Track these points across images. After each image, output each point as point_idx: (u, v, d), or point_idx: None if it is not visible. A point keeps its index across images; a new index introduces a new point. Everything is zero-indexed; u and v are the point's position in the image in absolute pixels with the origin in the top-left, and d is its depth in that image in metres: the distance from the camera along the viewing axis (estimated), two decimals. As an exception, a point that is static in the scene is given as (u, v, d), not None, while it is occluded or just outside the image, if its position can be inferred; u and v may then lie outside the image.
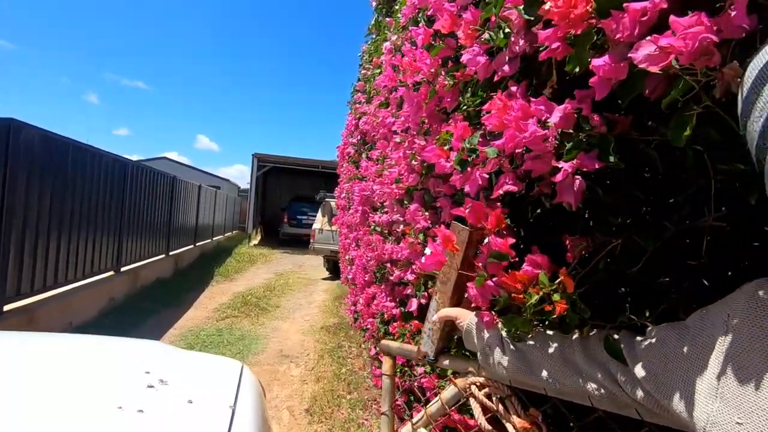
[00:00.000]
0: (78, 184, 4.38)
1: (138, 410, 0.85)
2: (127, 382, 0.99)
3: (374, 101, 2.11)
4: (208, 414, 0.91)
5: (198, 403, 0.93)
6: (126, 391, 0.94)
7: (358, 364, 4.20)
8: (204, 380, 1.11)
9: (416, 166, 1.24)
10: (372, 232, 1.87)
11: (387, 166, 1.74)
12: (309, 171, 16.30)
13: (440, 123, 1.01)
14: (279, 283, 8.09)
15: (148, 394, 0.94)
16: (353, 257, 3.15)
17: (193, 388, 1.02)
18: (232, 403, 0.97)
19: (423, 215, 1.27)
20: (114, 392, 0.93)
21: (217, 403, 0.96)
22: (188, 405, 0.92)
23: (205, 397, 0.97)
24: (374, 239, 1.89)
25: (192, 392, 0.98)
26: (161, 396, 0.94)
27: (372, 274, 2.28)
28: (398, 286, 1.75)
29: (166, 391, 0.97)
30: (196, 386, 1.04)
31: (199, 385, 1.06)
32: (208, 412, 0.92)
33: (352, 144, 2.99)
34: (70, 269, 4.32)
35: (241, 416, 0.93)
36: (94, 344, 1.28)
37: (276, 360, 4.23)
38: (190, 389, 1.00)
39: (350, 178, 2.88)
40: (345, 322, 5.71)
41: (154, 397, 0.93)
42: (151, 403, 0.89)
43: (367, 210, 2.25)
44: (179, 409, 0.90)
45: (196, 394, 0.97)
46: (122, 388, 0.96)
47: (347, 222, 3.22)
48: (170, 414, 0.88)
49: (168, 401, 0.93)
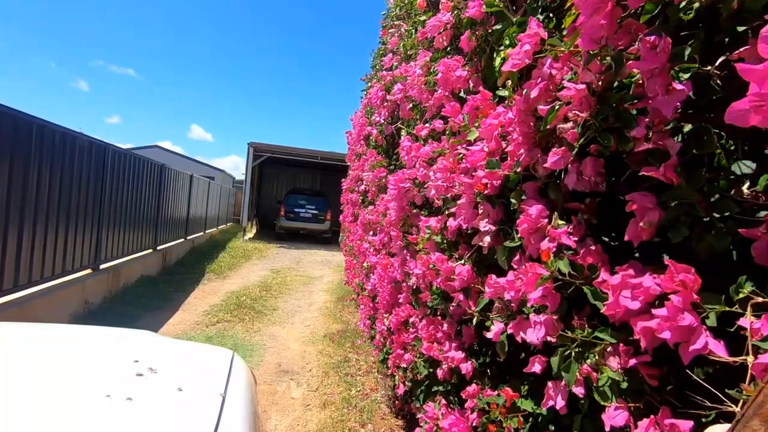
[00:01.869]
0: (44, 167, 3.74)
1: (126, 398, 0.84)
2: (116, 371, 0.98)
3: (421, 57, 1.51)
4: (198, 401, 0.91)
5: (188, 391, 0.93)
6: (114, 380, 0.93)
7: (369, 383, 3.63)
8: (194, 368, 1.09)
9: (569, 132, 0.65)
10: (423, 242, 1.30)
11: (455, 143, 1.15)
12: (308, 162, 15.64)
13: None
14: (276, 282, 7.50)
15: (137, 382, 0.93)
16: (372, 264, 2.56)
17: (183, 376, 1.01)
18: (222, 390, 0.97)
19: (565, 228, 0.69)
20: (102, 381, 0.92)
21: (207, 390, 0.96)
22: (178, 393, 0.92)
23: (194, 385, 0.97)
24: (427, 248, 1.31)
25: (182, 380, 0.98)
26: (150, 384, 0.94)
27: (409, 295, 1.70)
28: (468, 325, 1.17)
29: (156, 380, 0.96)
30: (186, 374, 1.03)
31: (189, 373, 1.05)
32: (198, 400, 0.91)
33: (377, 123, 2.40)
34: (35, 268, 3.69)
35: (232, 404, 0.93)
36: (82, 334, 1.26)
37: (274, 377, 3.65)
38: (180, 377, 1.00)
39: (374, 165, 2.30)
40: (350, 328, 5.14)
41: (143, 385, 0.93)
42: (140, 392, 0.89)
43: (407, 208, 1.66)
44: (169, 396, 0.90)
45: (186, 382, 0.97)
46: (111, 376, 0.95)
47: (367, 220, 2.63)
48: (159, 402, 0.87)
49: (157, 389, 0.92)
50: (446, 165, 1.15)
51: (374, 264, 2.48)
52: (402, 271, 1.74)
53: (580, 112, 0.62)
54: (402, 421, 3.04)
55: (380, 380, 3.67)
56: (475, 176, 0.96)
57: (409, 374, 1.86)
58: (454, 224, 1.10)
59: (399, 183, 1.63)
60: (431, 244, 1.28)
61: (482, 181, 0.93)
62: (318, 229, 13.81)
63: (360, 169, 3.11)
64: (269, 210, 17.88)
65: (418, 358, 1.58)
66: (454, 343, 1.22)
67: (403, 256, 1.74)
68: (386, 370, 3.27)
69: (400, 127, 1.83)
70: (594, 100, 0.62)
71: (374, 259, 2.43)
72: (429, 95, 1.43)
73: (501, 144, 0.94)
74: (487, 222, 0.95)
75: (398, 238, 1.78)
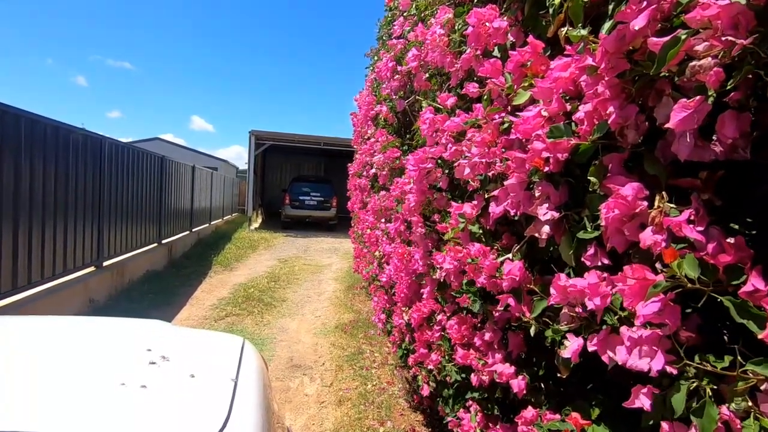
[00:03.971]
0: (36, 163, 3.56)
1: (141, 386, 0.85)
2: (130, 360, 0.99)
3: (441, 13, 1.28)
4: (211, 387, 0.91)
5: (200, 378, 0.94)
6: (128, 369, 0.94)
7: (385, 376, 3.49)
8: (205, 355, 1.10)
9: (711, 73, 0.44)
10: (455, 231, 1.09)
11: (493, 111, 0.93)
12: (311, 149, 15.38)
13: None
14: (284, 272, 7.36)
15: (151, 370, 0.94)
16: (387, 254, 2.37)
17: (195, 363, 1.02)
18: (234, 376, 0.97)
19: (685, 214, 0.48)
20: (117, 370, 0.93)
21: (219, 376, 0.97)
22: (190, 379, 0.92)
23: (207, 372, 0.98)
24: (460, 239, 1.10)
25: (194, 367, 0.99)
26: (163, 372, 0.94)
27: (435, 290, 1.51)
28: (515, 331, 0.97)
29: (168, 367, 0.97)
30: (198, 361, 1.04)
31: (201, 360, 1.06)
32: (211, 386, 0.92)
33: (388, 98, 2.16)
34: (34, 269, 3.55)
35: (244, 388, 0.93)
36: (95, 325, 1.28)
37: (286, 372, 3.52)
38: (192, 364, 1.01)
39: (385, 146, 2.08)
40: (362, 318, 5.00)
41: (157, 373, 0.93)
42: (154, 379, 0.90)
43: (429, 192, 1.45)
44: (182, 383, 0.91)
45: (198, 369, 0.98)
46: (125, 365, 0.96)
47: (379, 207, 2.43)
48: (173, 388, 0.88)
49: (170, 376, 0.93)
50: (485, 138, 0.93)
51: (388, 253, 2.28)
52: (425, 262, 1.54)
53: (735, 38, 0.40)
54: (422, 416, 2.89)
55: (396, 373, 3.52)
56: (531, 149, 0.74)
57: (434, 375, 1.68)
58: (498, 210, 0.89)
59: (420, 163, 1.42)
60: (465, 234, 1.08)
61: (542, 154, 0.72)
62: (324, 216, 13.62)
63: (368, 153, 2.89)
64: (274, 198, 17.72)
65: (448, 362, 1.40)
66: (499, 354, 1.02)
67: (425, 246, 1.54)
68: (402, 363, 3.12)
69: (418, 98, 1.60)
70: (753, 17, 0.41)
71: (388, 248, 2.24)
72: (454, 58, 1.20)
73: (565, 106, 0.72)
74: (548, 207, 0.74)
75: (419, 225, 1.58)
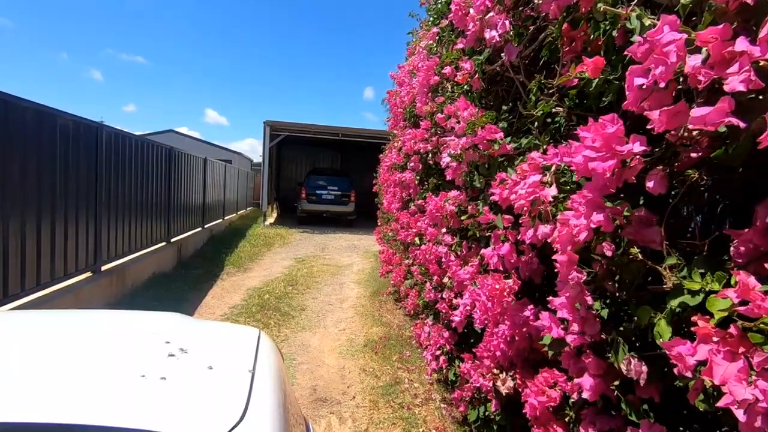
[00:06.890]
0: (13, 154, 2.97)
1: (161, 377, 0.86)
2: (149, 352, 0.99)
3: None
4: (229, 379, 0.92)
5: (218, 369, 0.95)
6: (148, 361, 0.94)
7: (431, 417, 2.81)
8: (223, 347, 1.11)
9: None
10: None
11: None
12: (327, 140, 14.68)
13: None
14: (301, 273, 6.75)
15: (170, 362, 0.95)
16: (460, 282, 1.67)
17: (213, 355, 1.03)
18: (251, 367, 0.98)
19: None
20: (137, 362, 0.94)
21: (237, 368, 0.97)
22: (209, 371, 0.93)
23: (224, 363, 0.99)
24: None
25: (211, 359, 0.99)
26: (182, 363, 0.95)
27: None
28: None
29: (187, 359, 0.97)
30: (216, 353, 1.05)
31: (218, 352, 1.07)
32: (229, 377, 0.93)
33: (471, 51, 1.45)
34: (11, 279, 2.98)
35: (261, 379, 0.94)
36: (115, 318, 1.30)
37: (309, 409, 2.88)
38: (210, 356, 1.01)
39: (474, 122, 1.36)
40: (393, 333, 4.33)
41: (176, 364, 0.94)
42: (173, 371, 0.90)
43: (610, 210, 0.76)
44: (200, 375, 0.92)
45: (216, 361, 0.99)
46: (144, 357, 0.97)
47: (446, 212, 1.71)
48: (192, 380, 0.89)
49: (189, 368, 0.94)
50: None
51: (463, 280, 1.58)
52: (579, 329, 0.85)
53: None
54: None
55: (444, 412, 2.85)
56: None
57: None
58: None
59: (610, 146, 0.69)
60: None
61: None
62: (342, 212, 12.97)
63: (419, 137, 2.19)
64: (290, 192, 17.15)
65: None
66: None
67: (580, 299, 0.85)
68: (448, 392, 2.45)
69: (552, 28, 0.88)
70: None
71: (464, 275, 1.54)
72: None
73: None
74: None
75: (572, 267, 0.88)
